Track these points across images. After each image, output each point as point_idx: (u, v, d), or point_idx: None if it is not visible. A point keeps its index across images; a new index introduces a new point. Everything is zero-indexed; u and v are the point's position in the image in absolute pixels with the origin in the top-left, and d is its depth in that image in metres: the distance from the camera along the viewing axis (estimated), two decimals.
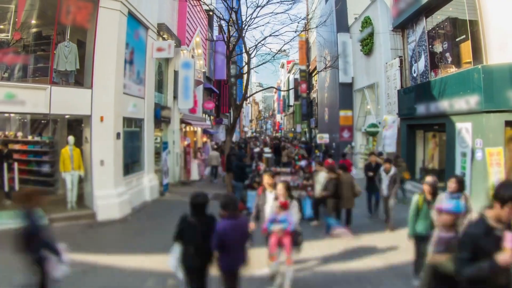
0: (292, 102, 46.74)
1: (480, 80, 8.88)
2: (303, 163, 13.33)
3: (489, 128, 8.81)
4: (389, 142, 14.20)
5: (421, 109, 12.01)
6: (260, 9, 12.54)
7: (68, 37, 8.90)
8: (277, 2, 12.89)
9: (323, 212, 8.26)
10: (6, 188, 10.28)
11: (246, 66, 13.93)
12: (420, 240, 4.73)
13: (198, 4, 16.43)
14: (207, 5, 17.77)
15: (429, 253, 3.43)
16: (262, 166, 12.59)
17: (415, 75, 13.08)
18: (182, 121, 15.89)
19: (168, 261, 3.87)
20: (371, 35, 17.10)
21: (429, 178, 5.02)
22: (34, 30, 9.20)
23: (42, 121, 11.47)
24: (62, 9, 8.55)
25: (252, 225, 4.99)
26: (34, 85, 8.36)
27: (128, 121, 10.41)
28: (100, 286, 5.17)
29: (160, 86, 13.86)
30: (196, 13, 17.78)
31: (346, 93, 21.14)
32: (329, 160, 8.91)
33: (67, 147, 8.91)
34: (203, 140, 22.51)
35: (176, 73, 14.53)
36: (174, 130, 14.84)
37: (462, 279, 2.47)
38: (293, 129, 46.90)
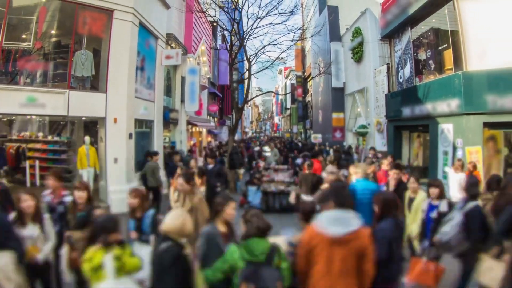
0: (289, 105, 46.71)
1: (461, 85, 8.87)
2: (299, 161, 13.32)
3: (468, 128, 8.80)
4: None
5: (406, 111, 11.99)
6: (260, 20, 12.53)
7: (85, 46, 8.89)
8: (275, 14, 12.88)
9: None
10: (28, 184, 10.32)
11: (247, 72, 13.93)
12: None
13: (203, 15, 16.41)
14: (212, 17, 17.72)
15: None
16: (261, 163, 12.58)
17: (401, 80, 13.07)
18: (188, 123, 15.90)
19: None
20: (361, 44, 17.08)
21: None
22: (53, 39, 9.20)
23: (61, 123, 11.48)
24: (79, 20, 8.56)
25: None
26: (54, 90, 8.38)
27: (139, 122, 10.41)
28: None
29: (168, 91, 13.86)
30: (201, 24, 17.77)
31: (338, 97, 21.12)
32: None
33: (83, 146, 8.92)
34: (208, 140, 22.54)
35: (183, 79, 14.53)
36: (181, 130, 14.84)
37: None
38: (290, 130, 46.89)
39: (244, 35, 12.92)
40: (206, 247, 2.83)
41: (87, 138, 8.99)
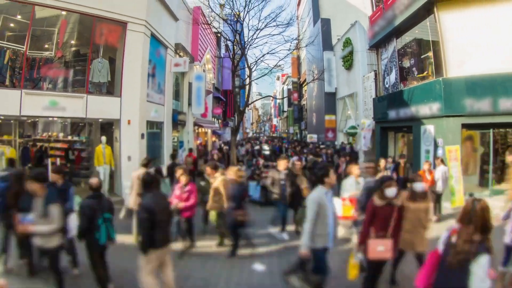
0: (286, 108, 46.66)
1: (441, 90, 8.87)
2: (295, 158, 13.29)
3: (448, 129, 8.81)
4: (364, 142, 14.25)
5: (392, 114, 11.99)
6: (259, 31, 12.51)
7: (101, 55, 8.90)
8: (273, 26, 12.85)
9: None
10: (50, 180, 10.26)
11: (248, 78, 13.90)
12: None
13: (208, 27, 16.38)
14: (216, 28, 17.71)
15: None
16: (261, 161, 12.57)
17: (387, 86, 13.06)
18: (195, 124, 15.90)
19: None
20: (351, 53, 17.07)
21: None
22: (73, 49, 9.20)
23: (80, 124, 11.47)
24: (96, 32, 8.57)
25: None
26: (73, 94, 8.38)
27: (150, 124, 10.41)
28: (127, 259, 5.17)
29: (177, 95, 13.85)
30: (206, 35, 17.75)
31: (330, 101, 21.12)
32: None
33: (100, 145, 8.91)
34: (212, 140, 22.52)
35: (190, 84, 14.53)
36: (189, 131, 14.84)
37: None
38: (286, 131, 46.86)
39: (245, 45, 12.91)
40: None
41: (103, 138, 8.98)
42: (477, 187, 9.06)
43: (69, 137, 11.07)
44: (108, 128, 10.18)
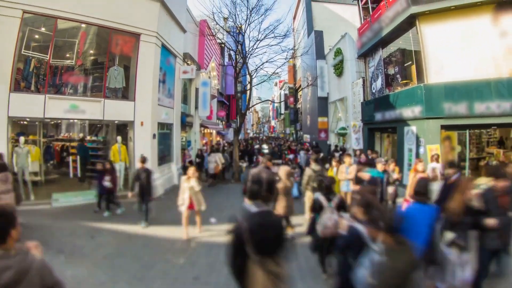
0: (283, 111, 46.61)
1: (422, 95, 8.89)
2: (291, 156, 13.32)
3: (429, 130, 8.83)
4: (357, 141, 14.26)
5: (378, 116, 12.00)
6: (259, 42, 12.51)
7: (117, 63, 8.92)
8: (272, 37, 12.84)
9: None
10: (71, 175, 10.33)
11: (249, 84, 13.91)
12: None
13: (213, 38, 16.38)
14: (220, 39, 17.73)
15: None
16: (260, 158, 12.57)
17: (374, 91, 13.07)
18: (201, 125, 15.90)
19: None
20: (341, 61, 17.05)
21: None
22: (92, 57, 9.23)
23: (98, 125, 11.50)
24: (112, 42, 8.59)
25: None
26: (92, 99, 8.40)
27: (161, 125, 10.43)
28: (140, 247, 5.20)
29: (185, 99, 13.86)
30: (212, 45, 17.74)
31: (323, 104, 21.08)
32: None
33: (116, 144, 8.94)
34: (217, 139, 22.52)
35: (197, 90, 14.54)
36: (196, 132, 14.86)
37: None
38: (283, 131, 46.85)
39: (246, 54, 12.92)
40: None
41: (119, 138, 9.01)
42: None
43: (88, 137, 11.09)
44: (123, 129, 10.21)
